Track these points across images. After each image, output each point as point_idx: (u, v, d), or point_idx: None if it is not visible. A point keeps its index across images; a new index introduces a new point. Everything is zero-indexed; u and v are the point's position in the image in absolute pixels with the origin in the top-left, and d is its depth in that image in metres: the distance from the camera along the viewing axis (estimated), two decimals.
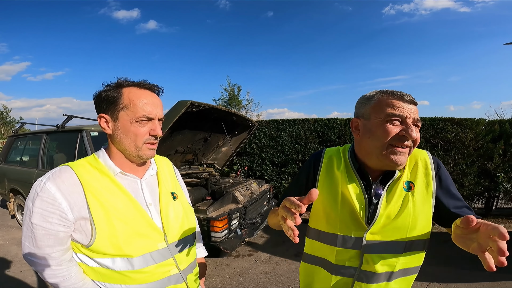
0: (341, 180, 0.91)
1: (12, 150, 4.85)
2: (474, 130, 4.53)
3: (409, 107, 0.80)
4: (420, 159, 0.89)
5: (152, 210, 0.88)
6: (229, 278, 2.90)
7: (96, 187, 0.79)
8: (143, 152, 0.86)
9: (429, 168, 0.87)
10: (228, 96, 18.97)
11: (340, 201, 0.89)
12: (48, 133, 3.97)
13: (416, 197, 0.84)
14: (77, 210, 0.76)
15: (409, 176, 0.87)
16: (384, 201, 0.85)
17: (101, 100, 0.84)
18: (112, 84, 0.85)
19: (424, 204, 0.84)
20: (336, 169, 0.93)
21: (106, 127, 0.85)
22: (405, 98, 0.81)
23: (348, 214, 0.88)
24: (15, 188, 4.24)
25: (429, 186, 0.85)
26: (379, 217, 0.84)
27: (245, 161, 5.74)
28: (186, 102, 2.56)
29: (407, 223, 0.83)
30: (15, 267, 3.11)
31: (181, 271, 0.91)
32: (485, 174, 4.56)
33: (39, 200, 0.75)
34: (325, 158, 0.97)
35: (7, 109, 22.94)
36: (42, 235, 0.76)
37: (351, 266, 0.88)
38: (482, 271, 2.89)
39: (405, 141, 0.79)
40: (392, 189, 0.86)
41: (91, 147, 3.20)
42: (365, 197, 0.87)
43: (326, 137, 5.26)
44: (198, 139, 3.74)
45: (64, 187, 0.76)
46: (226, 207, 2.89)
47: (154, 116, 0.86)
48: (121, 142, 0.84)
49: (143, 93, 0.85)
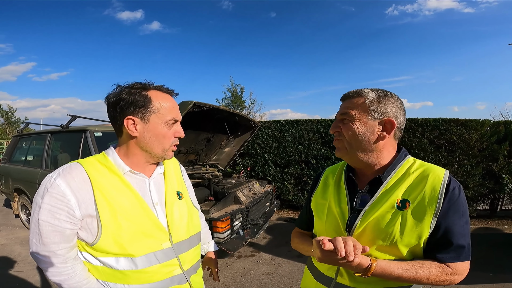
0: (330, 192, 0.94)
1: (17, 150, 4.90)
2: (479, 131, 4.48)
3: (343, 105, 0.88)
4: (431, 178, 0.78)
5: (158, 210, 0.89)
6: (231, 279, 2.89)
7: (104, 185, 0.80)
8: (168, 154, 0.91)
9: (438, 189, 0.75)
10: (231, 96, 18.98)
11: (326, 212, 0.92)
12: (53, 133, 4.00)
13: (408, 218, 0.75)
14: (84, 207, 0.77)
15: (406, 194, 0.78)
16: (367, 211, 0.81)
17: (127, 103, 0.83)
18: (136, 86, 0.85)
19: (415, 228, 0.75)
20: (330, 185, 0.96)
21: (134, 130, 0.84)
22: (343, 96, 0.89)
23: (332, 223, 0.89)
24: (19, 187, 4.27)
25: (431, 208, 0.74)
26: (357, 227, 0.81)
27: (247, 162, 5.73)
28: (189, 102, 2.57)
29: (387, 242, 0.76)
30: (18, 266, 3.13)
31: (185, 272, 0.91)
32: (490, 175, 4.52)
33: (48, 196, 0.75)
34: (323, 177, 1.02)
35: (12, 109, 23.21)
36: (48, 231, 0.76)
37: (329, 276, 0.88)
38: (484, 272, 2.84)
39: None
40: (382, 201, 0.80)
41: (94, 147, 3.22)
42: (348, 206, 0.85)
43: (329, 138, 5.23)
44: (201, 140, 3.75)
45: (74, 183, 0.77)
46: (228, 208, 2.88)
47: (179, 118, 0.91)
48: (149, 144, 0.86)
49: (167, 97, 0.89)
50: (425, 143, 4.60)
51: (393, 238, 0.76)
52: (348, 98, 0.86)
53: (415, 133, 4.69)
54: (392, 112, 0.82)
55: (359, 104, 0.82)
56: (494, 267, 2.99)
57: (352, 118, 0.82)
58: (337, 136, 0.88)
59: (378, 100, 0.81)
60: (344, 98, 0.88)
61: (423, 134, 4.66)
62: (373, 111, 0.81)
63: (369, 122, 0.81)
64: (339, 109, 0.88)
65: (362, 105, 0.82)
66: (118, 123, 0.86)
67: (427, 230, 0.75)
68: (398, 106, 0.83)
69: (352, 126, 0.82)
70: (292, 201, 5.38)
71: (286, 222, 4.86)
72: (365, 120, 0.81)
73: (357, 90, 0.85)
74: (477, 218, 4.72)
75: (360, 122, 0.82)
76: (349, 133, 0.83)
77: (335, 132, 0.88)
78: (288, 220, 4.94)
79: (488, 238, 3.96)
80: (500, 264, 3.11)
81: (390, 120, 0.81)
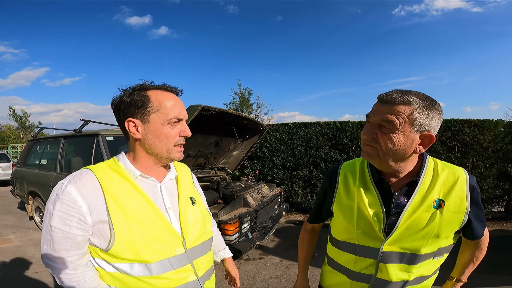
0: (357, 194, 0.91)
1: (31, 154, 5.04)
2: (493, 131, 4.38)
3: (380, 108, 0.79)
4: (457, 178, 0.84)
5: (171, 215, 0.87)
6: (240, 281, 2.88)
7: (115, 190, 0.79)
8: (174, 154, 0.86)
9: (464, 188, 0.83)
10: (239, 100, 19.05)
11: (356, 214, 0.90)
12: (66, 138, 4.11)
13: (444, 215, 0.81)
14: (96, 213, 0.76)
15: (440, 194, 0.83)
16: (407, 213, 0.83)
17: (126, 105, 0.82)
18: (135, 88, 0.84)
19: (450, 224, 0.83)
20: (352, 185, 0.93)
21: (135, 132, 0.83)
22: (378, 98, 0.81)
23: (365, 226, 0.88)
24: (34, 190, 4.39)
25: (462, 206, 0.82)
26: (398, 228, 0.83)
27: (256, 165, 5.74)
28: (197, 106, 2.60)
29: (427, 239, 0.82)
30: (32, 268, 3.20)
31: (199, 278, 0.89)
32: (504, 176, 4.40)
33: (60, 203, 0.75)
34: (340, 176, 0.98)
35: (26, 114, 23.93)
36: (60, 238, 0.76)
37: (368, 274, 0.89)
38: (488, 274, 2.76)
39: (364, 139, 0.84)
40: (419, 202, 0.83)
41: (106, 151, 3.28)
42: (383, 209, 0.86)
43: (338, 141, 5.20)
44: (209, 143, 3.78)
45: (85, 190, 0.76)
46: (237, 211, 2.89)
47: (183, 116, 0.87)
48: (153, 145, 0.83)
49: (168, 95, 0.85)
50: (438, 144, 4.52)
51: (432, 235, 0.82)
52: (391, 103, 0.76)
53: None
54: (434, 126, 0.78)
55: (406, 114, 0.74)
56: (510, 270, 2.90)
57: (394, 128, 0.75)
58: (371, 142, 0.81)
59: (426, 113, 0.75)
60: (385, 101, 0.77)
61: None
62: (418, 124, 0.75)
63: (411, 135, 0.76)
64: (375, 110, 0.80)
65: (409, 116, 0.74)
66: (122, 126, 0.85)
67: (458, 225, 0.84)
68: (439, 119, 0.78)
69: (392, 138, 0.76)
70: (300, 204, 5.35)
71: (294, 225, 4.83)
72: (408, 132, 0.76)
73: (403, 94, 0.75)
74: (492, 220, 4.59)
75: (402, 134, 0.76)
76: (387, 144, 0.77)
77: (370, 138, 0.81)
78: (296, 223, 4.91)
79: (504, 241, 3.83)
80: None
81: (430, 136, 0.77)
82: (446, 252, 0.90)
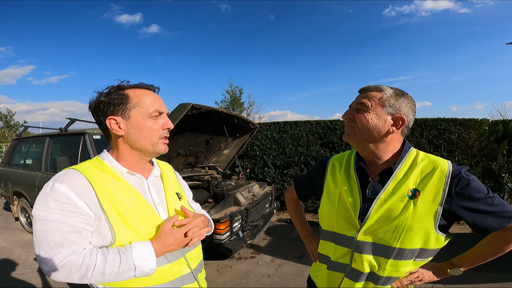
0: (341, 181, 0.97)
1: (16, 153, 4.90)
2: (478, 130, 4.50)
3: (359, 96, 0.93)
4: (437, 169, 0.83)
5: (160, 210, 0.88)
6: (232, 280, 2.89)
7: (105, 187, 0.79)
8: (159, 147, 0.88)
9: (443, 179, 0.81)
10: (230, 98, 18.97)
11: (337, 201, 0.96)
12: (51, 136, 4.01)
13: (418, 206, 0.81)
14: (94, 208, 0.75)
15: (417, 183, 0.84)
16: (379, 201, 0.86)
17: (106, 104, 0.83)
18: (112, 88, 0.86)
19: (424, 216, 0.81)
20: (338, 173, 1.00)
21: (118, 129, 0.84)
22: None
23: (343, 212, 0.93)
24: (19, 191, 4.27)
25: (437, 197, 0.80)
26: (371, 216, 0.86)
27: (247, 164, 5.73)
28: (187, 104, 2.57)
29: (400, 230, 0.82)
30: (18, 269, 3.13)
31: (193, 270, 0.92)
32: (489, 174, 4.52)
33: (53, 201, 0.72)
34: (330, 165, 1.06)
35: (11, 113, 23.24)
36: (65, 232, 0.71)
37: (343, 263, 0.93)
38: (487, 272, 2.82)
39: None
40: (393, 190, 0.85)
41: (93, 150, 3.22)
42: (360, 195, 0.90)
43: (328, 139, 5.25)
44: (200, 142, 3.75)
45: (75, 187, 0.75)
46: (228, 210, 2.88)
47: (164, 110, 0.89)
48: (137, 140, 0.85)
49: (146, 92, 0.88)
50: (424, 143, 4.61)
51: (405, 226, 0.81)
52: (366, 91, 0.90)
53: (413, 133, 4.70)
54: (405, 111, 0.87)
55: (377, 97, 0.87)
56: (497, 267, 2.99)
57: (367, 108, 0.87)
58: (349, 122, 0.92)
59: (395, 98, 0.87)
60: (362, 90, 0.92)
61: (422, 134, 4.67)
62: (388, 106, 0.86)
63: (382, 115, 0.86)
64: (355, 100, 0.93)
65: (380, 99, 0.87)
66: (103, 126, 0.86)
67: (432, 218, 0.81)
68: (411, 107, 0.89)
69: (366, 116, 0.87)
70: None
71: (286, 224, 4.85)
72: (379, 112, 0.86)
73: (376, 85, 0.90)
74: None
75: (374, 113, 0.86)
76: (362, 122, 0.87)
77: (348, 119, 0.92)
78: (288, 222, 4.94)
79: None
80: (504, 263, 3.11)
81: (401, 117, 0.86)
82: (431, 255, 0.88)
